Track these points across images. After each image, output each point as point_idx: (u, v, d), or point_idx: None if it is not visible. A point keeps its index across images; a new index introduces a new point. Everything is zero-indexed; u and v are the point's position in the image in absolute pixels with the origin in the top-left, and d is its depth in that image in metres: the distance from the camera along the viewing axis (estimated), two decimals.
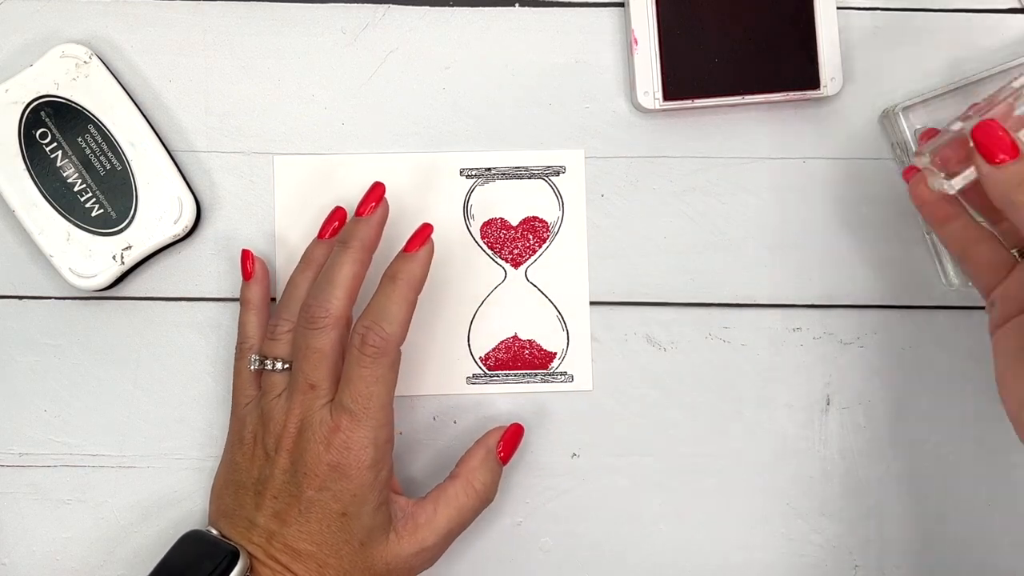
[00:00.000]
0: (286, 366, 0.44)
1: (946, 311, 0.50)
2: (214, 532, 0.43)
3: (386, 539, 0.42)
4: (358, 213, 0.45)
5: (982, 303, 0.44)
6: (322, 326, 0.42)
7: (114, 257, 0.47)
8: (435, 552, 0.44)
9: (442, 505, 0.44)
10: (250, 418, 0.44)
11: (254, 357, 0.45)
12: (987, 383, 0.50)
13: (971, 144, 0.40)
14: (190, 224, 0.48)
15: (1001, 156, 0.39)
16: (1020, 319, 0.41)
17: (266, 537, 0.42)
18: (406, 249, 0.44)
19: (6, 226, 0.49)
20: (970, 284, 0.46)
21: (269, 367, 0.44)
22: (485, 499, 0.46)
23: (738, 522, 0.50)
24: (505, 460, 0.47)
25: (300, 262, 0.47)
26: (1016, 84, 0.42)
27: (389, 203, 0.46)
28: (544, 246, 0.50)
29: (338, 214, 0.47)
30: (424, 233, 0.44)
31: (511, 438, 0.47)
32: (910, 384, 0.50)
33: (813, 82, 0.49)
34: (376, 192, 0.46)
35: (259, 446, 0.43)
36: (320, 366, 0.42)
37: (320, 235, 0.47)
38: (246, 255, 0.48)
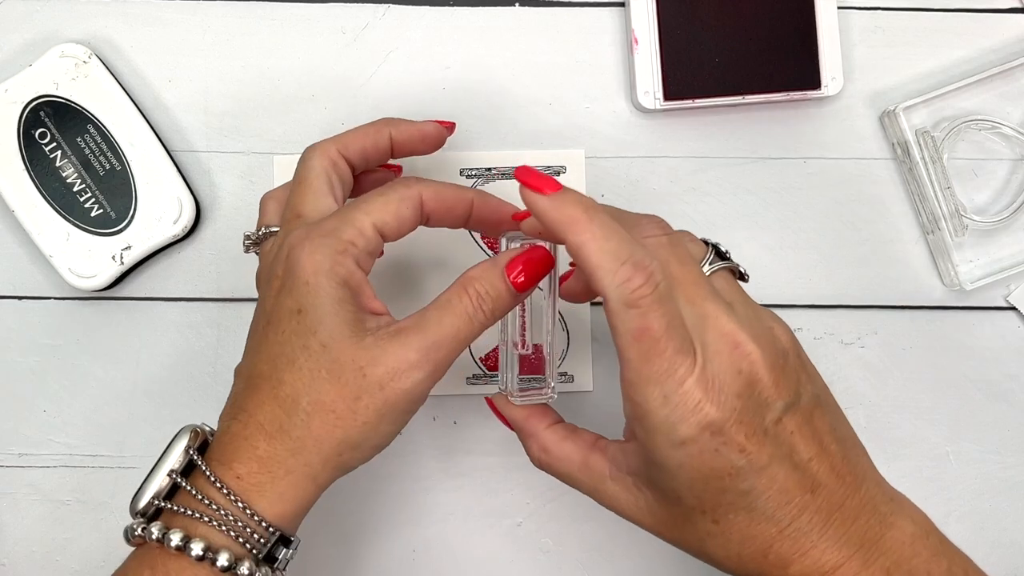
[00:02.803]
0: (273, 229, 0.40)
1: (946, 311, 0.50)
2: None
3: (358, 340, 0.35)
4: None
5: (982, 303, 0.43)
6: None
7: (113, 257, 0.47)
8: (423, 372, 0.35)
9: (432, 309, 0.36)
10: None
11: (244, 236, 0.41)
12: (987, 383, 0.50)
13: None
14: (189, 224, 0.48)
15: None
16: None
17: (241, 381, 0.37)
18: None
19: (5, 226, 0.49)
20: None
21: (255, 238, 0.41)
22: (488, 311, 0.36)
23: None
24: (521, 287, 0.37)
25: None
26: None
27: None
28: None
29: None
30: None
31: (529, 262, 0.37)
32: (910, 384, 0.50)
33: (813, 82, 0.49)
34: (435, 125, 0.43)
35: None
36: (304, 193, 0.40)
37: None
38: None
